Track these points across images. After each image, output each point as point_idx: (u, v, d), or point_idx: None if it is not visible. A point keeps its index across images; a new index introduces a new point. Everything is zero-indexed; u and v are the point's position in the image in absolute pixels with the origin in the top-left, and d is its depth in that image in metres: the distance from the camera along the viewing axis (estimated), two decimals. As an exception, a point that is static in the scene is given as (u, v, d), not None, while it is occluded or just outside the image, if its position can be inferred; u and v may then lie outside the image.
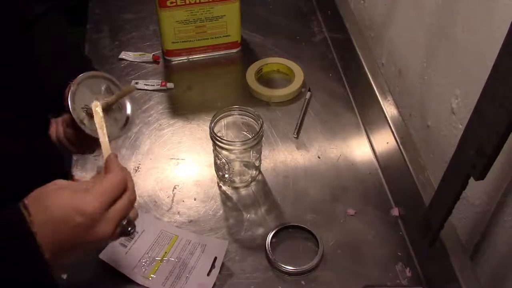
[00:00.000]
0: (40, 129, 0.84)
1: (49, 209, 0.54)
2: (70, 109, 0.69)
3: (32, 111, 0.79)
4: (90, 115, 0.71)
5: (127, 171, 0.62)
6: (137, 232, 0.82)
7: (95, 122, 0.68)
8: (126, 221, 0.59)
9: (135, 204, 0.61)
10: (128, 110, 0.77)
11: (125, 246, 0.80)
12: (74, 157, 0.94)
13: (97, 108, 0.69)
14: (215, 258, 0.79)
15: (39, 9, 0.84)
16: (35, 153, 0.74)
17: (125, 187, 0.59)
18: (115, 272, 0.77)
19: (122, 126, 0.76)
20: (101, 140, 0.66)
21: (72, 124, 0.74)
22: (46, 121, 0.87)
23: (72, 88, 0.70)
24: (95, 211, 0.54)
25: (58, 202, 0.54)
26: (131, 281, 0.77)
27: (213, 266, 0.78)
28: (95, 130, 0.68)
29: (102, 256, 0.78)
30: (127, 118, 0.76)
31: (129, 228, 0.60)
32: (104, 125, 0.67)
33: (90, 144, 0.79)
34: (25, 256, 0.53)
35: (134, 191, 0.61)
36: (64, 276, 0.77)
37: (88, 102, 0.71)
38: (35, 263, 0.53)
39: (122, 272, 0.77)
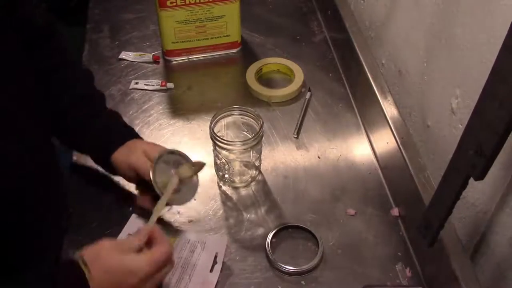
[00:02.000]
0: (39, 130, 0.84)
1: (108, 271, 0.65)
2: (153, 183, 0.79)
3: (32, 113, 0.79)
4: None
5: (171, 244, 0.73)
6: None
7: (165, 191, 0.79)
8: None
9: None
10: (195, 179, 0.86)
11: None
12: (74, 157, 0.94)
13: (175, 179, 0.81)
14: (216, 254, 0.79)
15: (41, 13, 0.84)
16: (35, 153, 0.74)
17: (171, 258, 0.71)
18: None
19: (192, 192, 0.85)
20: (158, 207, 0.77)
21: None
22: (47, 123, 0.87)
23: (156, 164, 0.81)
24: (147, 275, 0.67)
25: (115, 264, 0.66)
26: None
27: (214, 262, 0.79)
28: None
29: None
30: (195, 186, 0.86)
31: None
32: (166, 198, 0.78)
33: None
34: None
35: (173, 262, 0.73)
36: None
37: (166, 176, 0.81)
38: None
39: None
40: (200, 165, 0.83)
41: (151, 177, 0.79)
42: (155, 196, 0.80)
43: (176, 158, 0.84)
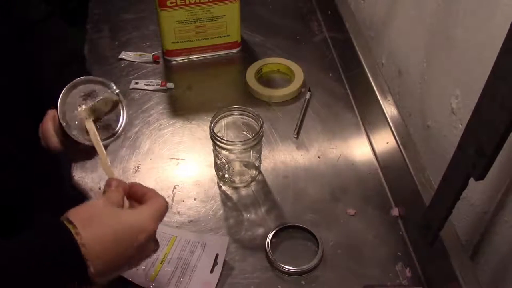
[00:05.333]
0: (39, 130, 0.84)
1: (107, 229, 0.55)
2: (60, 120, 0.69)
3: (31, 113, 0.79)
4: (81, 125, 0.71)
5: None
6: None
7: (91, 139, 0.69)
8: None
9: None
10: (120, 120, 0.76)
11: None
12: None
13: (89, 125, 0.70)
14: (217, 255, 0.79)
15: (39, 14, 0.84)
16: (34, 153, 0.74)
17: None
18: (118, 277, 0.77)
19: (112, 134, 0.75)
20: (100, 155, 0.68)
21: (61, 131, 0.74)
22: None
23: (62, 95, 0.70)
24: (154, 230, 0.60)
25: (116, 224, 0.56)
26: (134, 285, 0.76)
27: (215, 263, 0.79)
28: (89, 140, 0.69)
29: None
30: (121, 123, 0.76)
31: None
32: (99, 140, 0.69)
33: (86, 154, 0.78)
34: (69, 267, 0.53)
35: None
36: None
37: (76, 108, 0.71)
38: (77, 274, 0.54)
39: (124, 276, 0.77)
40: (114, 101, 0.74)
41: (58, 113, 0.69)
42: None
43: (90, 88, 0.73)
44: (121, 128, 0.76)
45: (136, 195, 0.64)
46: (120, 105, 0.76)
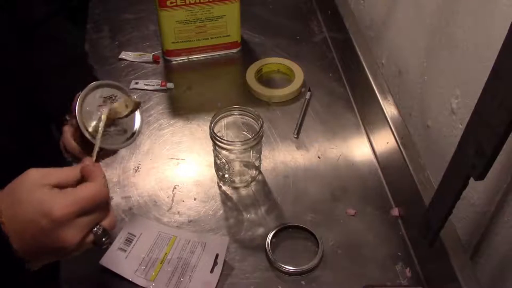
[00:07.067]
0: (40, 130, 0.84)
1: (16, 204, 0.52)
2: (77, 114, 0.67)
3: (32, 113, 0.79)
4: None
5: (107, 185, 0.58)
6: (135, 236, 0.82)
7: (96, 126, 0.67)
8: (101, 230, 0.57)
9: (115, 214, 0.59)
10: (137, 124, 0.75)
11: (125, 251, 0.80)
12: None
13: (102, 116, 0.68)
14: (217, 255, 0.79)
15: (41, 13, 0.84)
16: (34, 153, 0.75)
17: (105, 202, 0.56)
18: (118, 277, 0.77)
19: (127, 138, 0.74)
20: (95, 143, 0.65)
21: (80, 135, 0.71)
22: (47, 124, 0.87)
23: (81, 94, 0.68)
24: (63, 217, 0.52)
25: (26, 197, 0.52)
26: (134, 285, 0.77)
27: (215, 263, 0.79)
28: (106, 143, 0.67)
29: (102, 262, 0.78)
30: (134, 132, 0.74)
31: (103, 239, 0.57)
32: (101, 130, 0.66)
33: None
34: None
35: (109, 205, 0.58)
36: None
37: (95, 110, 0.69)
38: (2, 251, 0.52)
39: (124, 276, 0.77)
40: (135, 103, 0.72)
41: (76, 109, 0.67)
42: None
43: (109, 92, 0.72)
44: (139, 128, 0.74)
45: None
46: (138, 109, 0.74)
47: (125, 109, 0.71)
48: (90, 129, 0.68)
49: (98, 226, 0.56)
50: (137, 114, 0.74)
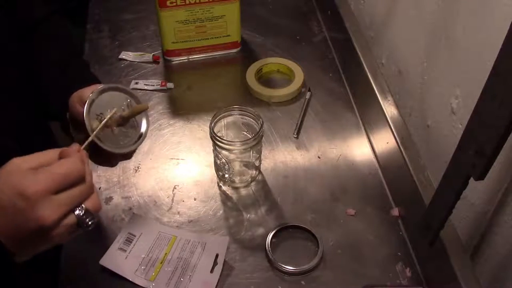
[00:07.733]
0: (40, 130, 0.84)
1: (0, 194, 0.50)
2: (84, 114, 0.67)
3: (32, 112, 0.79)
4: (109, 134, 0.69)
5: (87, 162, 0.57)
6: (135, 236, 0.82)
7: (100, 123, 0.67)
8: (83, 211, 0.55)
9: (102, 200, 0.58)
10: (143, 128, 0.75)
11: (125, 251, 0.80)
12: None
13: (108, 115, 0.68)
14: (217, 255, 0.79)
15: (41, 12, 0.84)
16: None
17: (81, 177, 0.54)
18: (118, 277, 0.77)
19: (133, 142, 0.74)
20: (90, 133, 0.65)
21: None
22: (47, 122, 0.87)
23: (92, 95, 0.68)
24: (37, 194, 0.50)
25: (8, 184, 0.51)
26: (134, 285, 0.77)
27: (215, 263, 0.79)
28: (102, 142, 0.67)
29: (102, 262, 0.78)
30: (140, 135, 0.74)
31: (87, 220, 0.55)
32: (101, 125, 0.66)
33: (107, 158, 0.76)
34: None
35: (91, 185, 0.56)
36: None
37: (104, 112, 0.69)
38: None
39: (124, 276, 0.77)
40: (142, 107, 0.72)
41: (85, 109, 0.67)
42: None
43: (127, 99, 0.73)
44: (146, 129, 0.74)
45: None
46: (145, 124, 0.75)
47: (131, 112, 0.71)
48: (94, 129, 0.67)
49: (80, 207, 0.55)
50: (143, 119, 0.74)
